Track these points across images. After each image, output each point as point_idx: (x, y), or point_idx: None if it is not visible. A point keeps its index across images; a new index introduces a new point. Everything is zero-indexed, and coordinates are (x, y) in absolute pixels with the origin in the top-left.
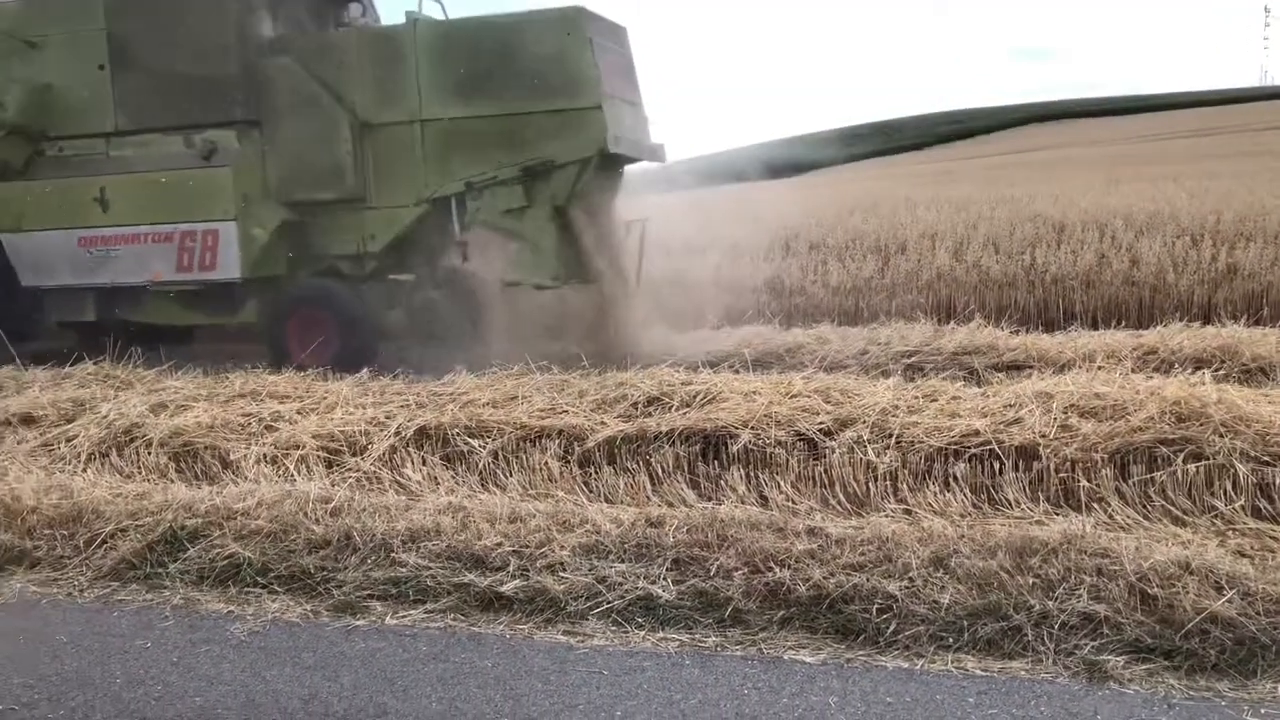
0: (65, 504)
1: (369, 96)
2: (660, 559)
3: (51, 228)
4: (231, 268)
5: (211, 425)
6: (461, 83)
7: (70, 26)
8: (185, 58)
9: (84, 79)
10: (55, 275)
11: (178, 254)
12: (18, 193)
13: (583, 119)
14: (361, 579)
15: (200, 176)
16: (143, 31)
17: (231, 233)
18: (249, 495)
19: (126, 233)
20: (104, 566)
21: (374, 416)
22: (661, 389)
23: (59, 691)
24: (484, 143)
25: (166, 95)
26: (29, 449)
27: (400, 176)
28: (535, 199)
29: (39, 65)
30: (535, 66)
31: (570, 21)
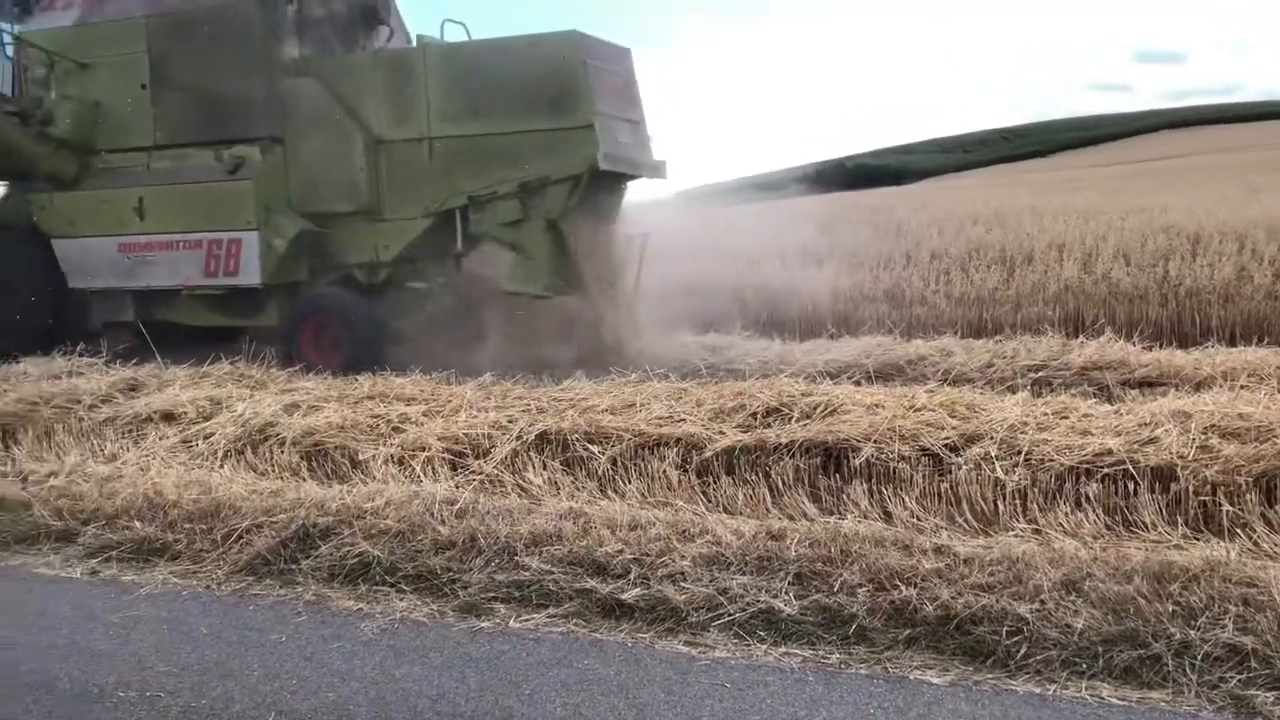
0: (204, 499)
1: (383, 115)
2: (782, 572)
3: (96, 234)
4: (253, 274)
5: (342, 426)
6: (466, 102)
7: (117, 49)
8: (216, 78)
9: (128, 97)
10: (99, 278)
11: (205, 260)
12: (67, 202)
13: (575, 137)
14: (486, 581)
15: (226, 189)
16: (179, 53)
17: (253, 241)
18: (378, 495)
19: (161, 240)
20: (240, 561)
21: (496, 420)
22: (781, 399)
23: (200, 681)
24: (485, 159)
25: (199, 113)
26: (169, 445)
27: (410, 190)
28: (531, 213)
29: (89, 85)
30: (532, 87)
31: (565, 45)
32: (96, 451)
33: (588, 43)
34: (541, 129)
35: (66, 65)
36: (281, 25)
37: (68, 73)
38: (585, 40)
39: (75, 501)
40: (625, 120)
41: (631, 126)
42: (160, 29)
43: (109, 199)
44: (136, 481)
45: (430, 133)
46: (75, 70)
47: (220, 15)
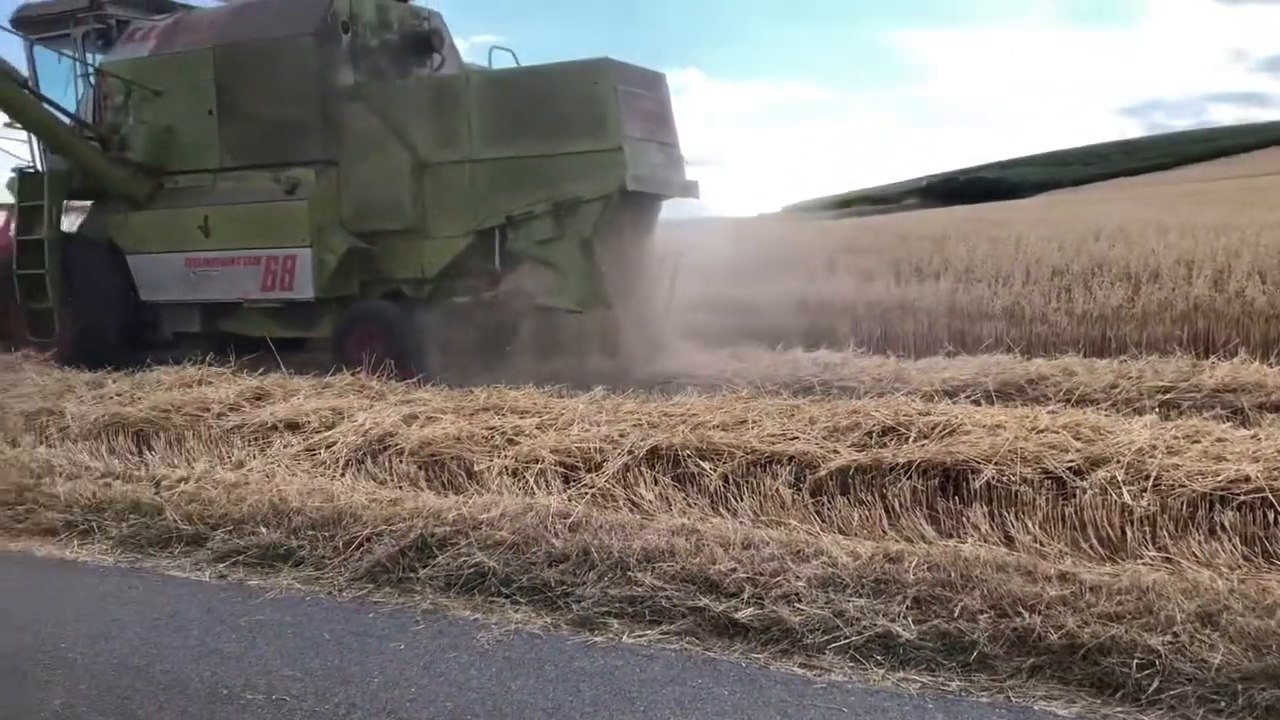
0: (327, 507)
1: (428, 138)
2: (900, 596)
3: (165, 251)
4: (306, 288)
5: (458, 437)
6: (505, 127)
7: (187, 78)
8: (275, 105)
9: (196, 123)
10: (168, 292)
11: (263, 275)
12: (140, 220)
13: (605, 159)
14: (599, 595)
15: (283, 208)
16: (243, 82)
17: (307, 258)
18: (493, 506)
19: (224, 256)
20: (360, 568)
21: (608, 434)
22: (898, 419)
23: (323, 687)
24: (522, 180)
25: (260, 137)
26: (293, 453)
27: (453, 210)
28: (565, 231)
29: (162, 111)
30: (566, 112)
31: (596, 71)
32: (224, 458)
33: (619, 69)
34: (574, 152)
35: (142, 93)
36: (336, 56)
37: (143, 100)
38: (616, 67)
39: (205, 506)
40: (657, 143)
41: (663, 148)
42: (226, 59)
43: (177, 218)
44: (262, 488)
45: (472, 155)
46: (150, 98)
47: (280, 46)
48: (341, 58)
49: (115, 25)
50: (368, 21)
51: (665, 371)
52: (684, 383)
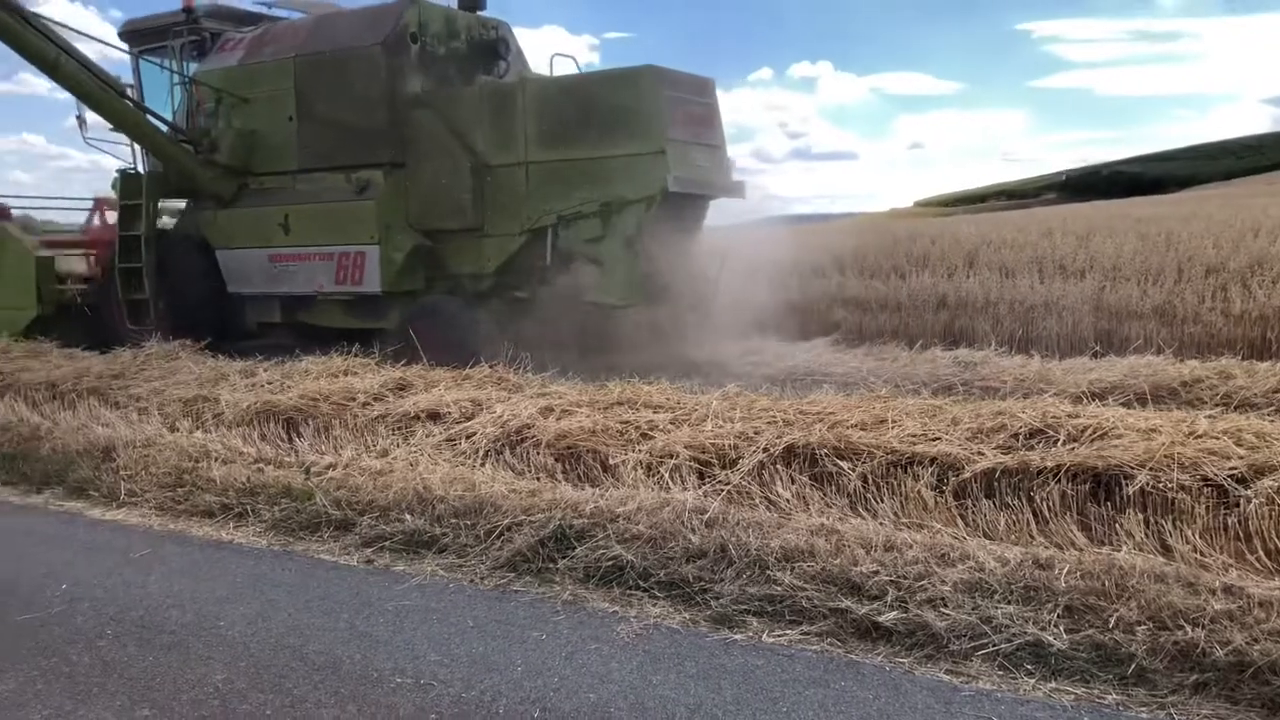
0: (468, 496)
1: (488, 142)
2: (1050, 604)
3: (249, 246)
4: (374, 282)
5: (593, 430)
6: (557, 131)
7: (271, 86)
8: (349, 110)
9: (278, 128)
10: (252, 284)
11: (336, 270)
12: (227, 218)
13: (649, 162)
14: (738, 593)
15: (353, 207)
16: (320, 89)
17: (375, 254)
18: (629, 500)
19: (301, 252)
20: (501, 557)
21: (742, 431)
22: (1045, 421)
23: (469, 674)
24: (572, 181)
25: (334, 141)
26: (435, 443)
27: (509, 209)
28: (611, 230)
29: (247, 117)
30: (613, 116)
31: (641, 77)
32: (369, 446)
33: (664, 75)
34: (620, 154)
35: (231, 100)
36: (405, 64)
37: (232, 106)
38: (661, 73)
39: (352, 493)
40: (702, 145)
41: (709, 151)
42: (305, 68)
43: (261, 216)
44: (406, 476)
45: (527, 158)
46: (238, 104)
47: (353, 56)
48: (410, 66)
49: (209, 37)
50: (436, 32)
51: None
52: (819, 380)
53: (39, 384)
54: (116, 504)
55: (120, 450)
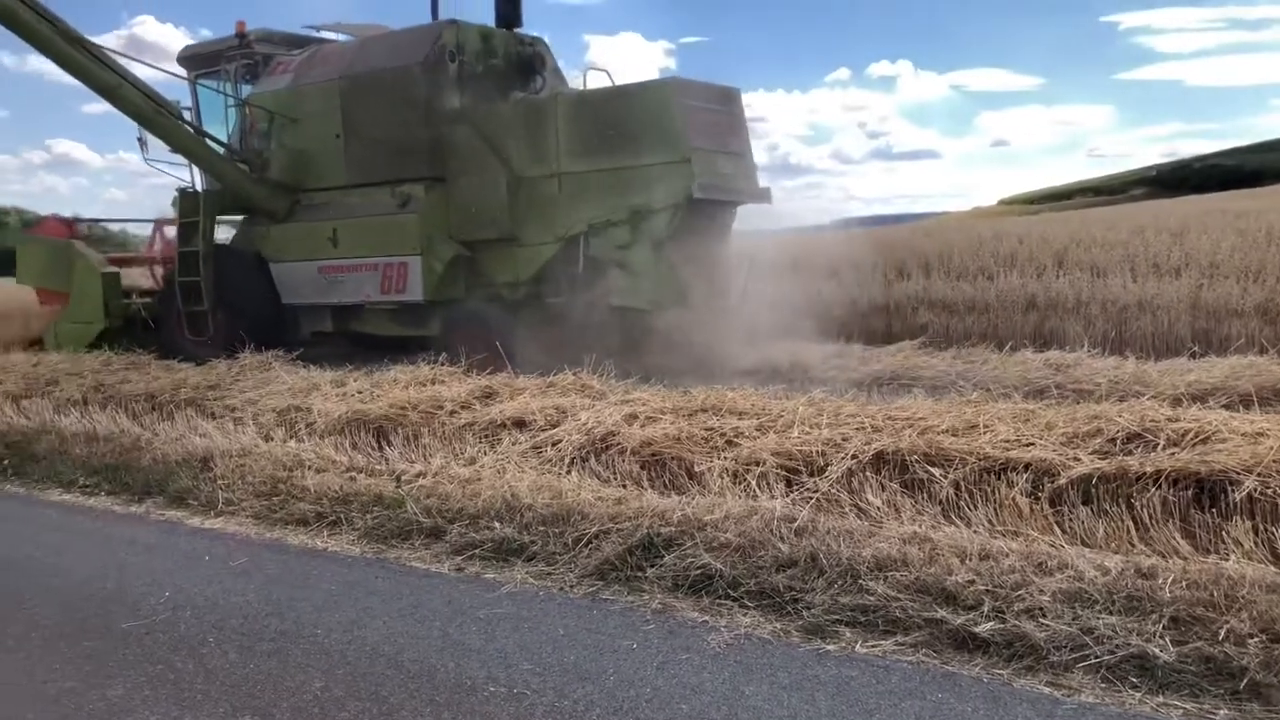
0: (555, 503)
1: (523, 155)
2: (1155, 615)
3: (301, 259)
4: (416, 291)
5: (678, 437)
6: (587, 142)
7: (318, 106)
8: (391, 128)
9: (326, 145)
10: (304, 295)
11: (381, 280)
12: (280, 232)
13: (674, 170)
14: (829, 603)
15: (397, 220)
16: (364, 108)
17: (417, 265)
18: (716, 508)
19: (349, 263)
20: (589, 565)
21: (830, 438)
22: (1144, 424)
23: (562, 683)
24: (601, 191)
25: (378, 157)
26: (521, 450)
27: (543, 219)
28: (639, 237)
29: (297, 136)
30: (639, 127)
31: (665, 90)
32: (458, 454)
33: (686, 87)
34: (646, 164)
35: (281, 120)
36: (443, 82)
37: (282, 126)
38: (684, 85)
39: (442, 501)
40: (727, 153)
41: (734, 158)
42: (350, 88)
43: (311, 230)
44: (494, 484)
45: (560, 169)
46: (288, 124)
47: (393, 76)
48: (448, 84)
49: (261, 60)
50: (474, 50)
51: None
52: (906, 385)
53: (139, 395)
54: (215, 513)
55: (218, 460)
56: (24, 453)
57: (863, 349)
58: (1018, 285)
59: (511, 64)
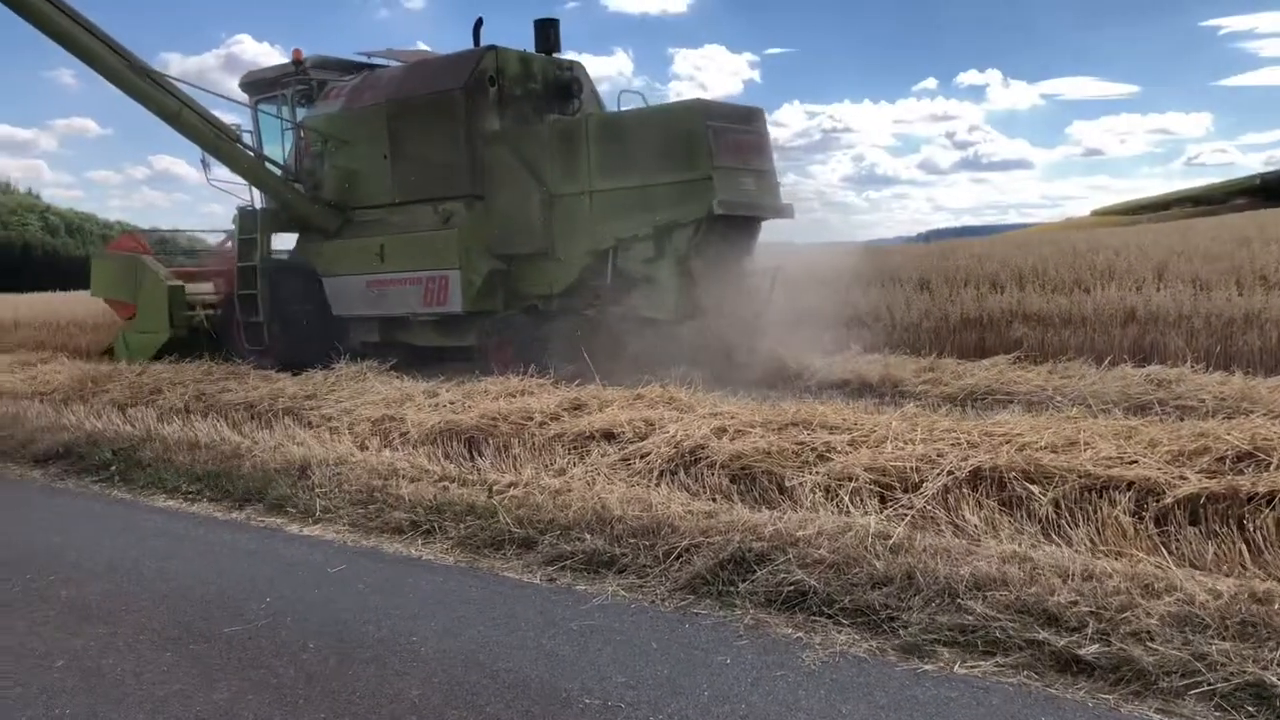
0: (645, 516)
1: (556, 173)
2: (1272, 641)
3: (351, 273)
4: (456, 304)
5: (768, 451)
6: (616, 161)
7: (367, 128)
8: (434, 148)
9: (374, 165)
10: (354, 307)
11: (424, 293)
12: (332, 248)
13: (696, 188)
14: (927, 622)
15: (438, 236)
16: (410, 129)
17: (457, 278)
18: (809, 523)
19: (394, 277)
20: (680, 579)
21: (924, 453)
22: (1255, 443)
23: (655, 697)
24: (629, 208)
25: (422, 176)
26: (610, 462)
27: (575, 235)
28: (664, 251)
29: (348, 157)
30: (664, 147)
31: (689, 111)
32: (547, 465)
33: (710, 108)
34: (670, 181)
35: (333, 142)
36: (483, 105)
37: (334, 148)
38: (707, 106)
39: (533, 511)
40: (750, 171)
41: (757, 175)
42: (396, 111)
43: (360, 245)
44: (584, 496)
45: (590, 187)
46: (340, 146)
47: (436, 99)
48: (488, 107)
49: (316, 85)
50: (513, 75)
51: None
52: (1001, 400)
53: (238, 404)
54: (312, 520)
55: (315, 468)
56: (130, 459)
57: (955, 363)
58: (1116, 298)
59: (550, 87)
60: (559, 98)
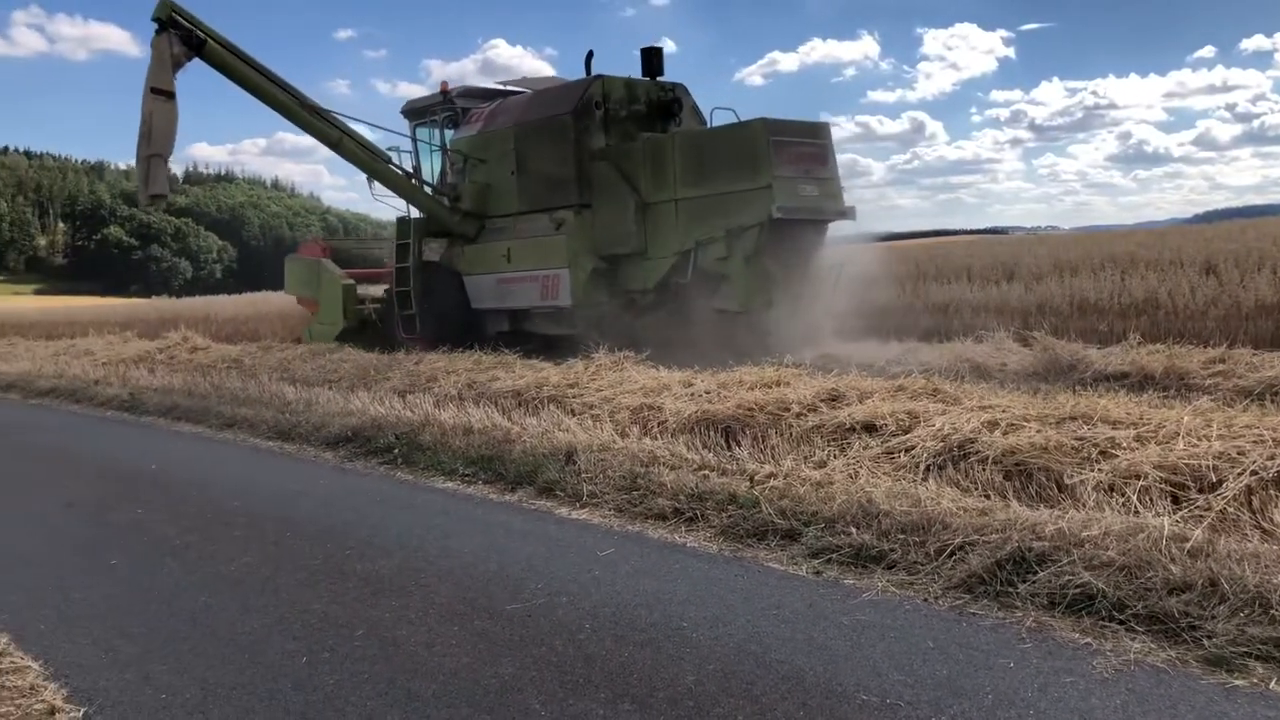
0: (914, 511)
1: (649, 184)
2: None
3: (485, 272)
4: (565, 298)
5: (1045, 447)
6: (697, 173)
7: (499, 148)
8: (550, 164)
9: (504, 180)
10: (488, 302)
11: (541, 289)
12: (471, 251)
13: (759, 195)
14: (1235, 633)
15: (552, 240)
16: (531, 149)
17: (565, 276)
18: (1093, 524)
19: (518, 275)
20: (954, 578)
21: (1222, 451)
22: None
23: (935, 697)
24: (706, 213)
25: (541, 189)
26: (872, 455)
27: (664, 237)
28: (734, 250)
29: (483, 173)
30: (734, 159)
31: (755, 128)
32: (806, 457)
33: (773, 125)
34: (739, 189)
35: (473, 161)
36: (591, 127)
37: (473, 166)
38: (772, 123)
39: (795, 503)
40: (811, 179)
41: (819, 183)
42: (521, 133)
43: (492, 249)
44: (848, 489)
45: (677, 195)
46: (477, 164)
47: (551, 123)
48: (595, 128)
49: (461, 111)
50: (618, 99)
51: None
52: None
53: (507, 393)
54: (580, 504)
55: (580, 454)
56: (411, 443)
57: (1250, 353)
58: None
59: (653, 108)
60: (662, 117)
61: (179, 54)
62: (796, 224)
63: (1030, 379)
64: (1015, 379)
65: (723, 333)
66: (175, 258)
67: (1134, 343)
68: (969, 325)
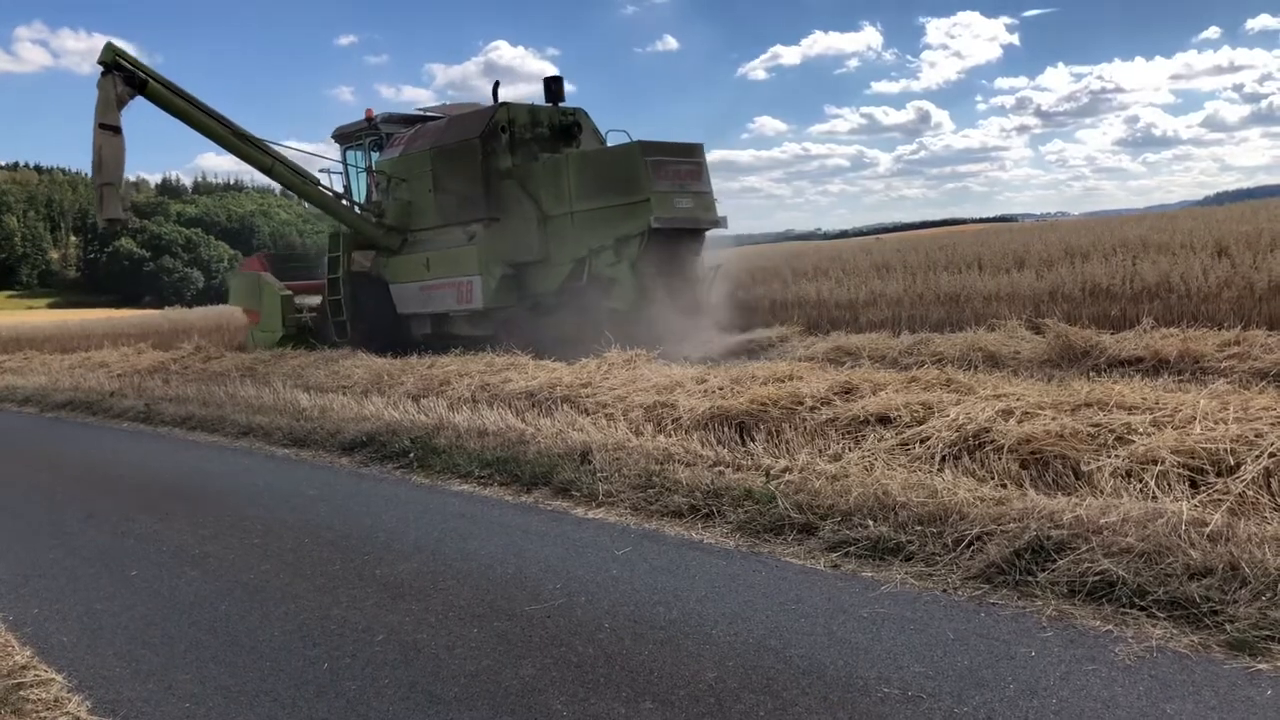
0: (930, 502)
1: (549, 198)
2: None
3: (409, 281)
4: (479, 302)
5: (1060, 434)
6: (588, 188)
7: (418, 168)
8: (462, 183)
9: (423, 198)
10: (412, 307)
11: (457, 294)
12: (395, 262)
13: (638, 208)
14: (1257, 616)
15: (466, 250)
16: (446, 169)
17: (478, 282)
18: (1111, 510)
19: (437, 282)
20: (972, 568)
21: (1239, 434)
22: None
23: (957, 688)
24: (597, 224)
25: (455, 205)
26: (887, 446)
27: (563, 246)
28: (621, 257)
29: (405, 191)
30: (617, 176)
31: (631, 150)
32: (821, 450)
33: (650, 146)
34: (622, 203)
35: (395, 180)
36: (498, 149)
37: (395, 185)
38: (649, 145)
39: (811, 497)
40: (687, 193)
41: (694, 196)
42: (437, 155)
43: (415, 259)
44: (863, 481)
45: (572, 208)
46: (399, 183)
47: (462, 146)
48: (502, 150)
49: (385, 136)
50: (522, 123)
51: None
52: None
53: (519, 394)
54: (596, 503)
55: (595, 454)
56: (426, 446)
57: (1265, 335)
58: None
59: (554, 131)
60: (563, 139)
61: (123, 93)
62: (675, 232)
63: (1044, 366)
64: (1029, 366)
65: (617, 329)
66: (187, 268)
67: (1147, 327)
68: (981, 314)
